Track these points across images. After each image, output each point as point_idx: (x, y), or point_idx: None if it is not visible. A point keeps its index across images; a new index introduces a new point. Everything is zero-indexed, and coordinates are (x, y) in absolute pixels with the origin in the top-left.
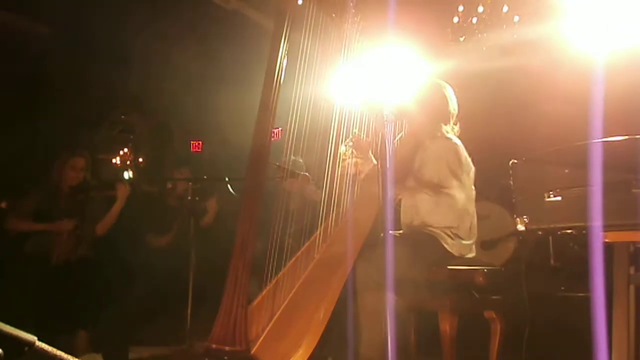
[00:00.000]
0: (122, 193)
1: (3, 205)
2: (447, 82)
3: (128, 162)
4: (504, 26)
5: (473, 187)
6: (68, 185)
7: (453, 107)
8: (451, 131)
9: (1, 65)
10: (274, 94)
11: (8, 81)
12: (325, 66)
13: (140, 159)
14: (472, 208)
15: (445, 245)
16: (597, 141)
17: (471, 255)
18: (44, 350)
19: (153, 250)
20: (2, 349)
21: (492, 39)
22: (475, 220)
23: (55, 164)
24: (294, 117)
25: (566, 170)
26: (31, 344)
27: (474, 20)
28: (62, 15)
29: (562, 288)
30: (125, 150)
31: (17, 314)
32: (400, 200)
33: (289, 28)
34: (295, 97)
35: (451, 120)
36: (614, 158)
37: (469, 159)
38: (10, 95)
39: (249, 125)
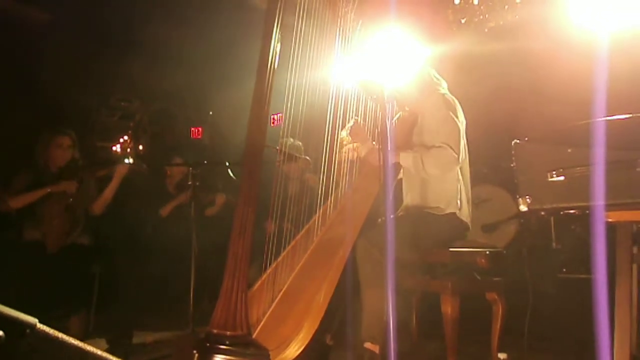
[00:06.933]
0: (119, 172)
1: None
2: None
3: (128, 150)
4: (506, 7)
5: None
6: (56, 165)
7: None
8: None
9: None
10: (269, 78)
11: (4, 65)
12: (321, 49)
13: (141, 147)
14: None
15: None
16: (599, 120)
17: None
18: (45, 332)
19: (155, 235)
20: (3, 331)
21: (493, 20)
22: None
23: (39, 145)
24: (291, 102)
25: (569, 150)
26: (32, 326)
27: (475, 1)
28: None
29: (564, 270)
30: (125, 137)
31: (15, 301)
32: (400, 180)
33: (282, 9)
34: (292, 81)
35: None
36: (617, 136)
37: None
38: (7, 79)
39: (248, 109)
